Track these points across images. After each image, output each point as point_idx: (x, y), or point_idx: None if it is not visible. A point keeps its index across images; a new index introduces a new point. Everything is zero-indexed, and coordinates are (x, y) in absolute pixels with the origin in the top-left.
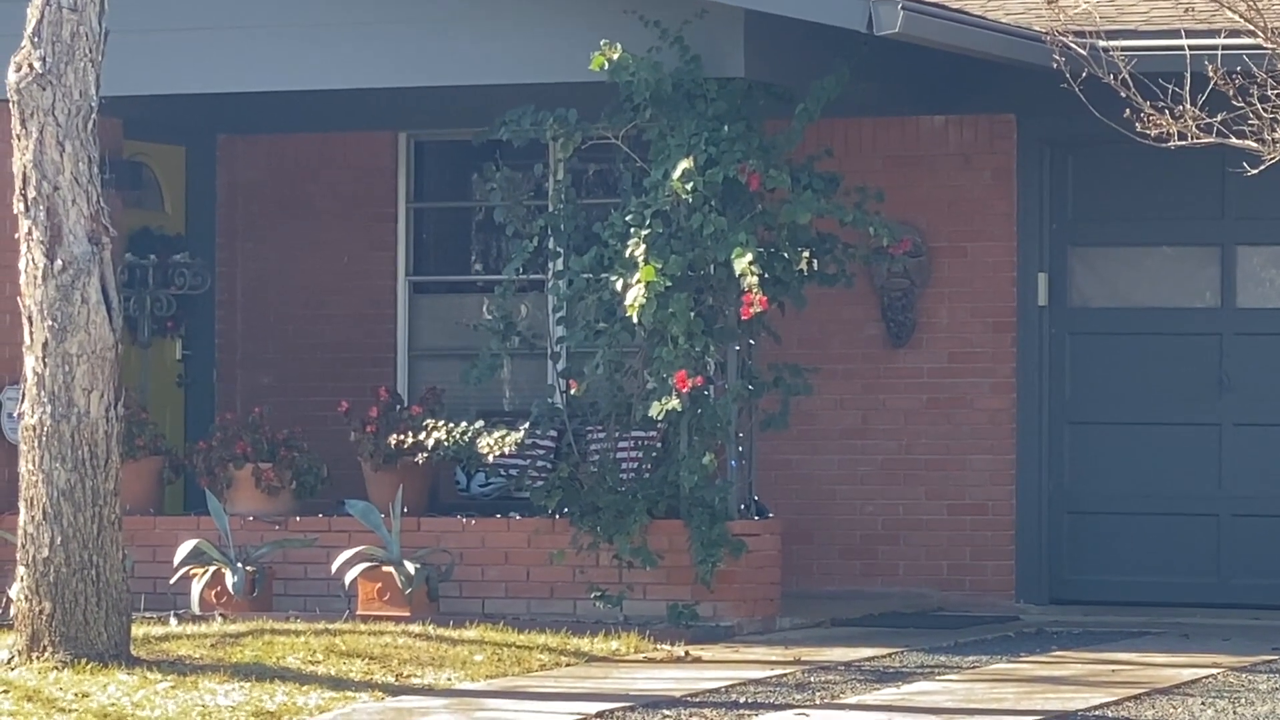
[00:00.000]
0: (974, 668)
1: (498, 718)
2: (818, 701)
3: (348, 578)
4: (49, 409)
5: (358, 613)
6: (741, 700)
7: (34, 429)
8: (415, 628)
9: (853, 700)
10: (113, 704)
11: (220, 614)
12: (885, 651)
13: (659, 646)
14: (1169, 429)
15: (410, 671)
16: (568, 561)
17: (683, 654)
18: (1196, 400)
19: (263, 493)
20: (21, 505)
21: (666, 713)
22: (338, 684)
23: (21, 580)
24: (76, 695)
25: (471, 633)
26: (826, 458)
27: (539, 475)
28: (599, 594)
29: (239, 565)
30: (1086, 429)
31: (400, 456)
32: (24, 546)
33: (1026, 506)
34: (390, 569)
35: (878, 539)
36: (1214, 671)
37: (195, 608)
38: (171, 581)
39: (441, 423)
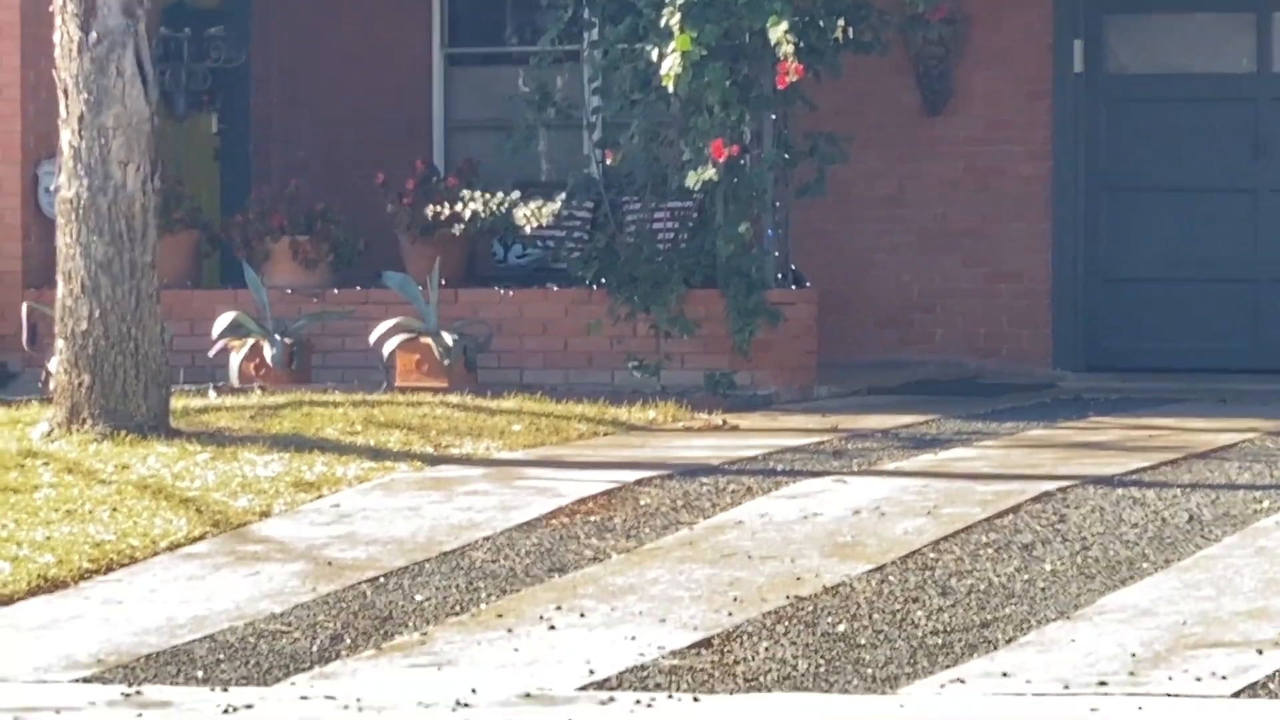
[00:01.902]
0: (1011, 434)
1: (536, 485)
2: (855, 469)
3: (386, 349)
4: (85, 182)
5: (396, 384)
6: (779, 468)
7: (71, 202)
8: (453, 398)
9: (890, 467)
10: (152, 475)
11: (259, 386)
12: (922, 419)
13: (696, 415)
14: (1205, 195)
15: (448, 441)
16: (605, 332)
17: (720, 422)
18: (1232, 166)
19: (300, 265)
20: (59, 279)
21: (704, 480)
22: (376, 454)
23: (60, 353)
24: (117, 467)
25: (509, 403)
26: (863, 227)
27: (576, 246)
28: (636, 364)
29: (277, 337)
30: (1122, 195)
31: (437, 228)
32: (62, 320)
33: (1062, 274)
34: (428, 340)
35: (914, 308)
36: (1250, 436)
37: (234, 380)
38: (210, 354)
39: (478, 194)
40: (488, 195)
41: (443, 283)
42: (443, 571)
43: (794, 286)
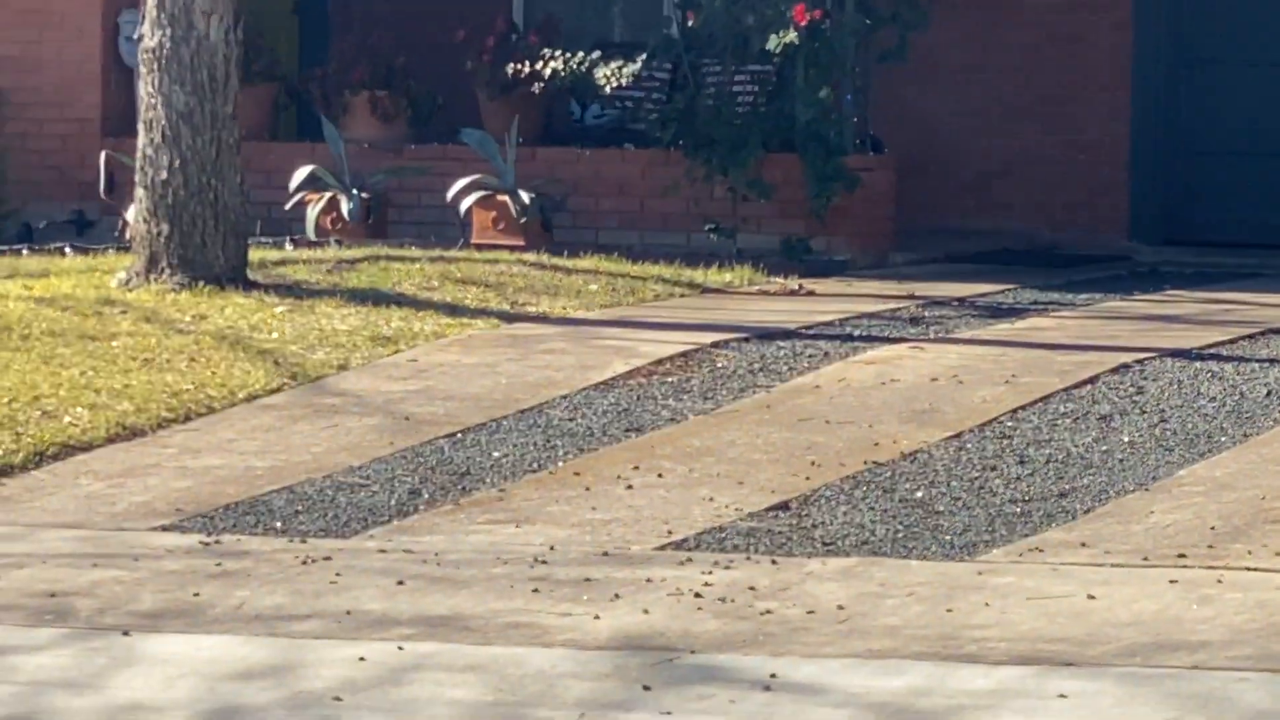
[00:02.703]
0: (1087, 305)
1: (613, 345)
2: (932, 336)
3: (462, 206)
4: (169, 31)
5: (472, 241)
6: (855, 333)
7: (153, 52)
8: (530, 256)
9: (967, 335)
10: (230, 326)
11: (336, 240)
12: (999, 288)
13: (772, 279)
14: None
15: (525, 300)
16: (681, 193)
17: (796, 287)
18: None
19: (377, 120)
20: (140, 128)
21: (781, 344)
22: (453, 310)
23: (139, 202)
24: (194, 317)
25: (586, 263)
26: (942, 94)
27: (654, 108)
28: (713, 226)
29: (354, 192)
30: (1204, 68)
31: (516, 86)
32: (142, 169)
33: (1141, 145)
34: (505, 198)
35: (991, 176)
36: None
37: (310, 233)
38: (287, 207)
39: (558, 53)
40: (568, 54)
41: (520, 141)
42: (520, 429)
43: (872, 153)
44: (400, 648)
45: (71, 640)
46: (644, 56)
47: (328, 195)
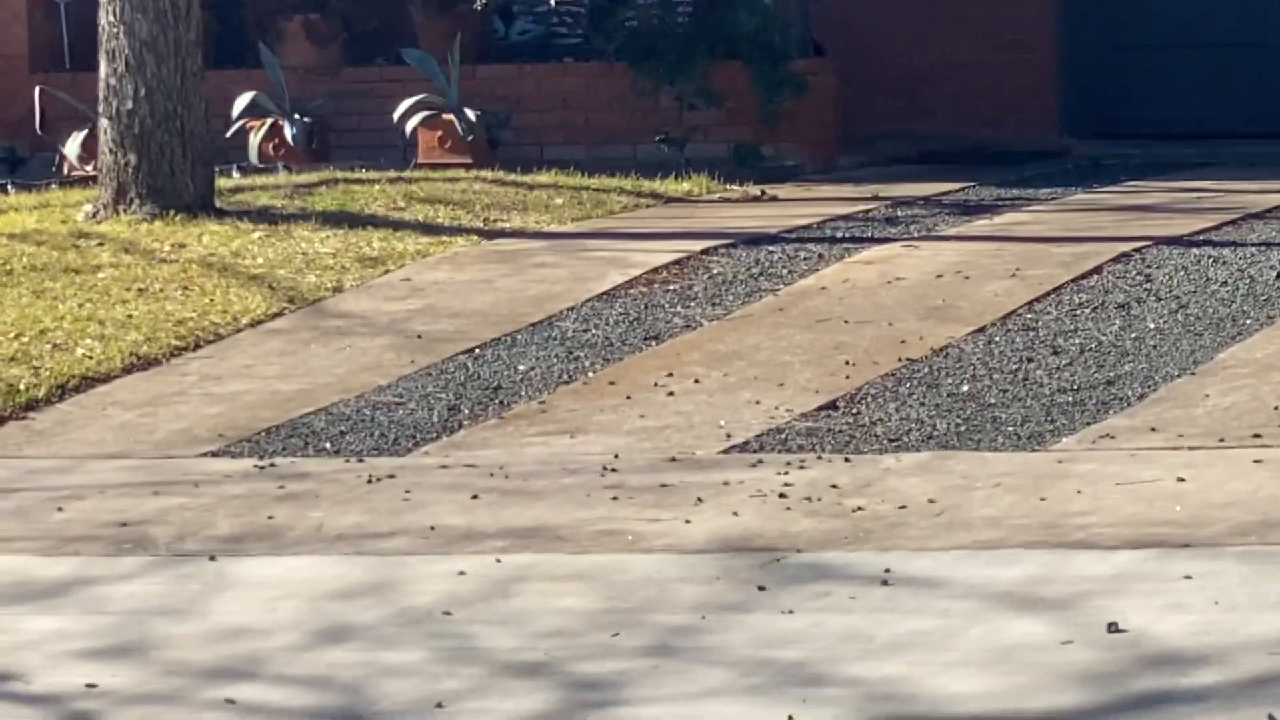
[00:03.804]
0: (1055, 199)
1: (602, 256)
2: (915, 234)
3: (408, 126)
4: None
5: (419, 161)
6: (840, 235)
7: None
8: (487, 173)
9: (952, 232)
10: (211, 254)
11: (283, 165)
12: (957, 186)
13: (729, 187)
14: None
15: (495, 216)
16: (627, 106)
17: (759, 193)
18: None
19: (313, 44)
20: (102, 58)
21: (769, 248)
22: (428, 229)
23: (105, 133)
24: (173, 246)
25: (544, 177)
26: None
27: (595, 20)
28: (662, 137)
29: (296, 117)
30: None
31: (456, 4)
32: (106, 100)
33: (1069, 42)
34: (450, 117)
35: (921, 79)
36: None
37: (254, 160)
38: (228, 135)
39: None
40: None
41: (460, 60)
42: (536, 342)
43: (816, 57)
44: (498, 560)
45: (158, 568)
46: None
47: (270, 122)
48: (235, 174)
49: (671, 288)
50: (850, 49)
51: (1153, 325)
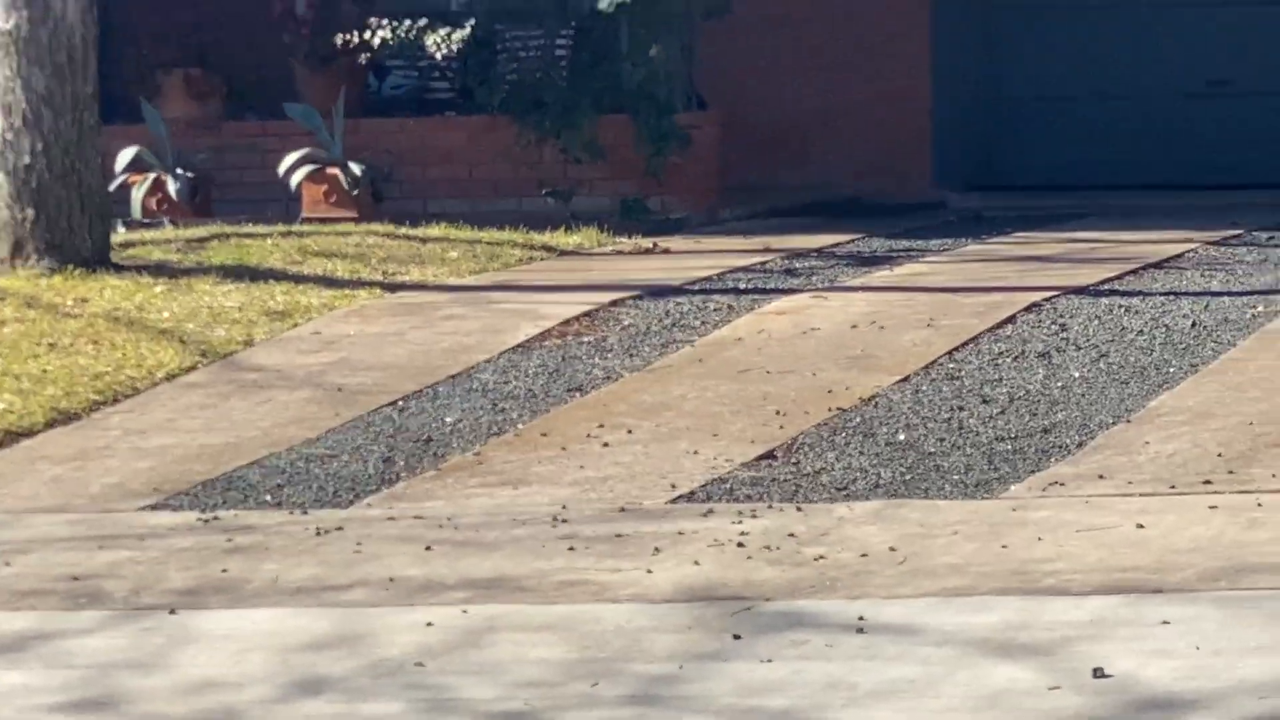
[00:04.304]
0: (946, 250)
1: (510, 308)
2: (819, 285)
3: (294, 180)
4: (25, 13)
5: (304, 215)
6: (743, 286)
7: (10, 34)
8: (378, 227)
9: (856, 283)
10: (116, 308)
11: (169, 220)
12: (846, 237)
13: (618, 239)
14: (1088, 12)
15: (393, 269)
16: (512, 159)
17: (650, 246)
18: None
19: (192, 98)
20: None
21: (676, 300)
22: (329, 283)
23: (2, 189)
24: (76, 300)
25: (435, 231)
26: (743, 50)
27: (478, 74)
28: (549, 190)
29: (179, 171)
30: (1005, 14)
31: (338, 58)
32: (3, 154)
33: (944, 94)
34: (335, 170)
35: (799, 130)
36: (1192, 247)
37: (137, 214)
38: (111, 189)
39: (385, 21)
40: (395, 22)
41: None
42: (459, 394)
43: (699, 109)
44: (464, 611)
45: (119, 621)
46: (471, 22)
47: (153, 176)
48: (121, 229)
49: (586, 339)
50: (729, 101)
51: (1077, 374)
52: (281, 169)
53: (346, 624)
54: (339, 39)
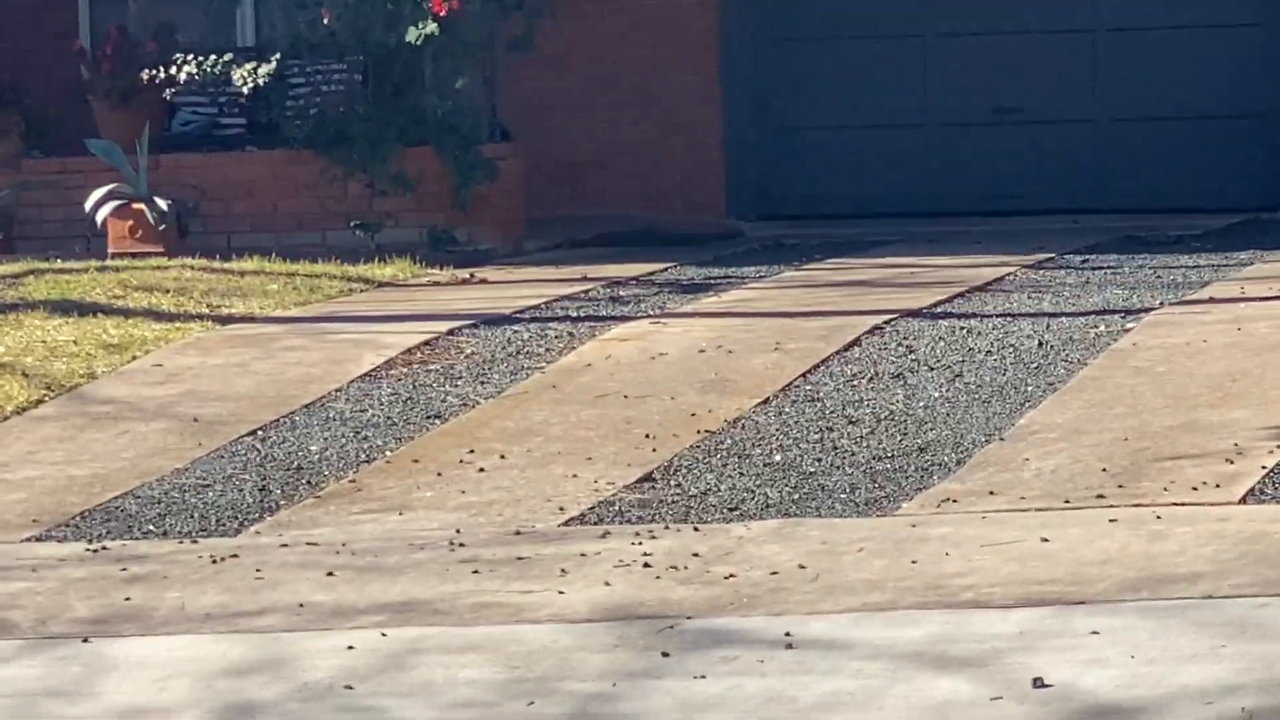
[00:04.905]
0: (764, 277)
1: (348, 339)
2: (652, 312)
3: (99, 216)
4: None
5: (110, 251)
6: (575, 314)
7: None
8: (193, 261)
9: (688, 309)
10: None
11: None
12: (660, 266)
13: (431, 270)
14: (873, 42)
15: (218, 302)
16: (317, 192)
17: (467, 276)
18: (900, 12)
19: None
20: None
21: (514, 328)
22: (157, 316)
23: None
24: None
25: (249, 264)
26: (533, 83)
27: (286, 108)
28: (357, 223)
29: None
30: (791, 46)
31: (140, 93)
32: None
33: (734, 125)
34: (141, 206)
35: (586, 163)
36: (1010, 270)
37: None
38: None
39: (190, 57)
40: (200, 58)
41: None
42: (316, 423)
43: (503, 141)
44: (383, 634)
45: (30, 651)
46: (278, 56)
47: None
48: None
49: (432, 368)
50: (526, 133)
51: (936, 394)
52: (88, 205)
53: (264, 649)
54: (144, 75)
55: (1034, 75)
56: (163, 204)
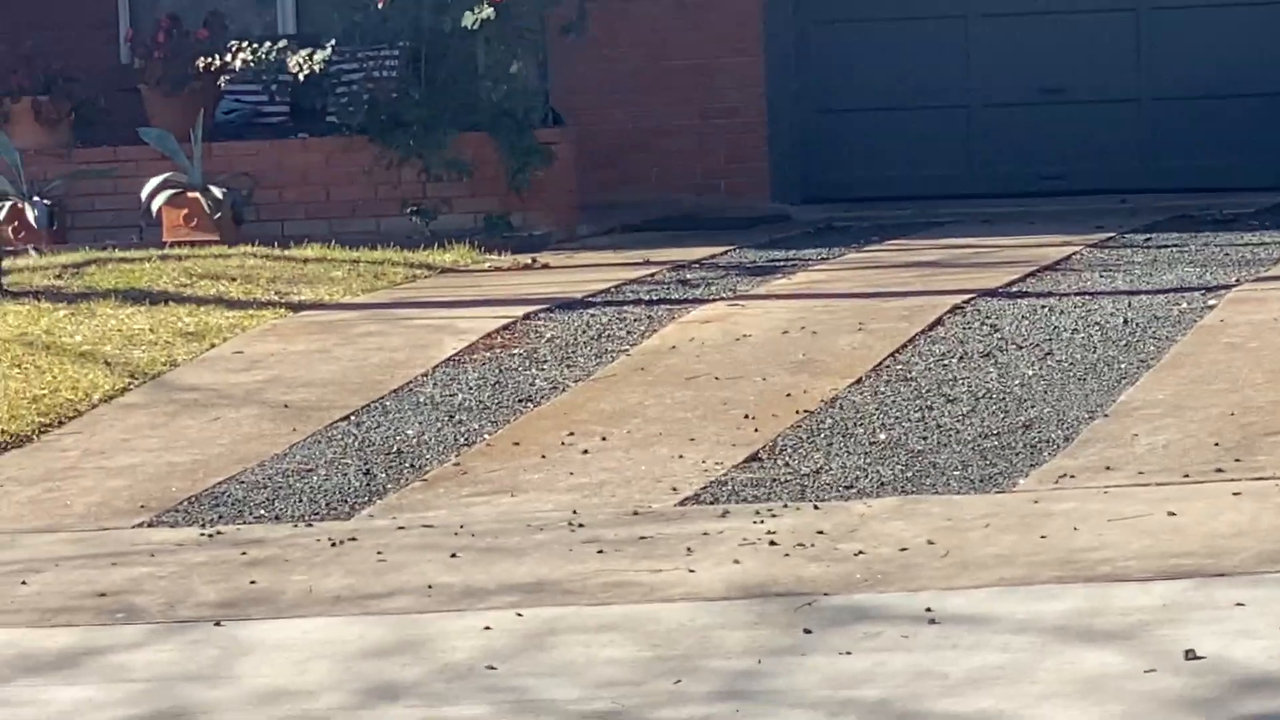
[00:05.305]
0: (827, 260)
1: (426, 324)
2: (724, 294)
3: (154, 205)
4: None
5: (165, 240)
6: (647, 297)
7: None
8: (253, 249)
9: (762, 291)
10: (24, 333)
11: (33, 248)
12: (719, 249)
13: (488, 255)
14: (916, 23)
15: (286, 289)
16: (372, 179)
17: (529, 261)
18: None
19: (41, 125)
20: None
21: (590, 312)
22: (228, 304)
23: None
24: None
25: (310, 251)
26: (577, 67)
27: (339, 95)
28: (413, 209)
29: (36, 198)
30: (835, 27)
31: (191, 82)
32: None
33: (778, 108)
34: (196, 195)
35: (629, 147)
36: (1075, 250)
37: None
38: None
39: (245, 44)
40: (255, 45)
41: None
42: (409, 408)
43: (555, 126)
44: (519, 614)
45: (164, 635)
46: (333, 43)
47: (9, 204)
48: None
49: (515, 352)
50: (569, 117)
51: (1029, 372)
52: (144, 193)
53: (401, 630)
54: (201, 62)
55: (1078, 55)
56: (217, 192)
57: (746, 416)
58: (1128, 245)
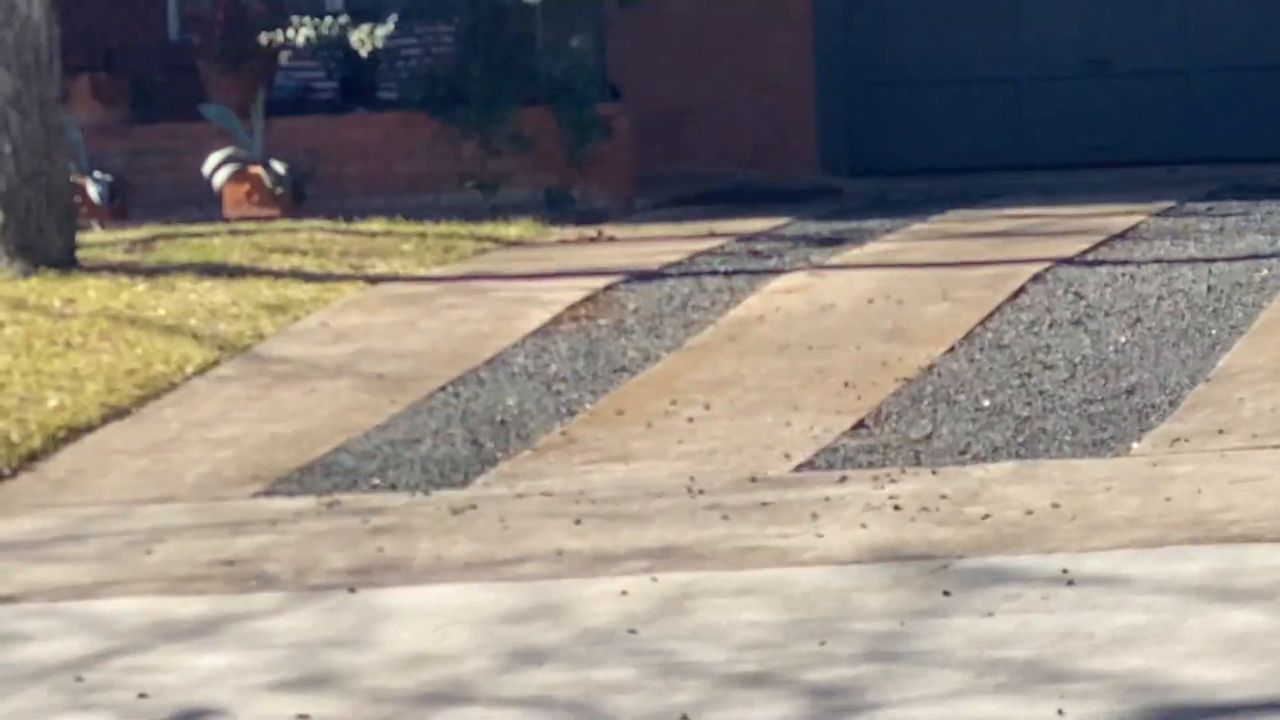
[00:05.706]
0: (892, 231)
1: (508, 296)
2: (799, 265)
3: (216, 180)
4: None
5: (226, 215)
6: (721, 268)
7: None
8: (319, 223)
9: (837, 261)
10: (107, 308)
11: (96, 223)
12: (781, 221)
13: (552, 229)
14: None
15: (358, 262)
16: (431, 153)
17: (595, 234)
18: None
19: (100, 103)
20: None
21: (669, 283)
22: (305, 277)
23: None
24: (64, 301)
25: (375, 225)
26: (623, 42)
27: (397, 69)
28: (475, 183)
29: (98, 175)
30: (882, 1)
31: (251, 58)
32: None
33: (826, 81)
34: (258, 170)
35: (679, 121)
36: (1140, 219)
37: None
38: None
39: (307, 19)
40: (317, 20)
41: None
42: (503, 378)
43: (613, 100)
44: (654, 579)
45: (299, 602)
46: (394, 17)
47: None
48: None
49: (601, 322)
50: (633, 91)
51: (1122, 339)
52: (206, 169)
53: (536, 596)
54: (263, 38)
55: (1123, 27)
56: (279, 168)
57: (846, 385)
58: (1191, 214)
